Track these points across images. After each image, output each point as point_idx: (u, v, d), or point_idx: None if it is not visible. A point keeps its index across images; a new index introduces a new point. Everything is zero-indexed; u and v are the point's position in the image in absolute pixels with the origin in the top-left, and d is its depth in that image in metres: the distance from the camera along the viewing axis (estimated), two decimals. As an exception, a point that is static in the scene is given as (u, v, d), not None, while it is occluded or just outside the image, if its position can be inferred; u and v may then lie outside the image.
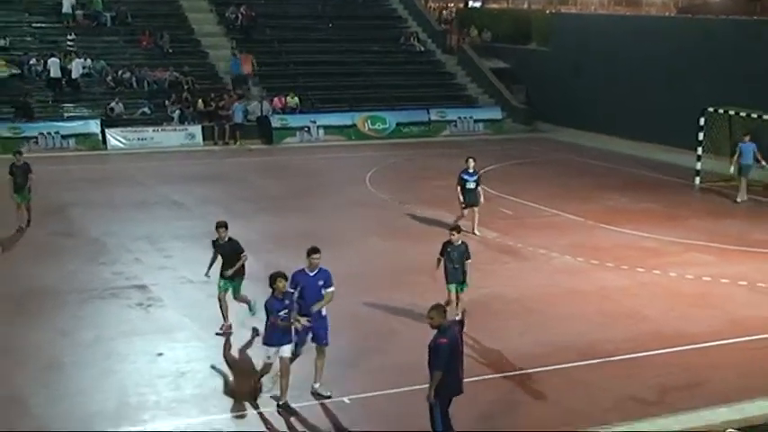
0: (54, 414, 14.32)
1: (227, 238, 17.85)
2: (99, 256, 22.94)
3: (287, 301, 14.35)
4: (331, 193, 31.23)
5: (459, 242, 17.92)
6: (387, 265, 22.61)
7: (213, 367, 16.27)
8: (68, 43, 43.19)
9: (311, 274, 15.18)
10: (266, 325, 14.47)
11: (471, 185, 24.48)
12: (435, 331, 12.38)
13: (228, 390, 15.39)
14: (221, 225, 17.85)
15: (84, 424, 13.90)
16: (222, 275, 17.75)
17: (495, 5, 72.54)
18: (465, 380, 14.86)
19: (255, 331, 17.11)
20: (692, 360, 16.91)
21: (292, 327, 14.33)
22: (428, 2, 63.49)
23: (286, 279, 14.47)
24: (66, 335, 17.69)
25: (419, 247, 23.28)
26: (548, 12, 55.38)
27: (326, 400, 14.77)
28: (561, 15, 54.58)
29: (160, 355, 16.71)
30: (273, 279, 14.42)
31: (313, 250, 15.39)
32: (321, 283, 15.11)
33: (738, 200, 30.21)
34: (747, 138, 30.29)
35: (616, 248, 24.25)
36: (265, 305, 14.46)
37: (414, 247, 23.66)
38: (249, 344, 17.39)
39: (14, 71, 40.81)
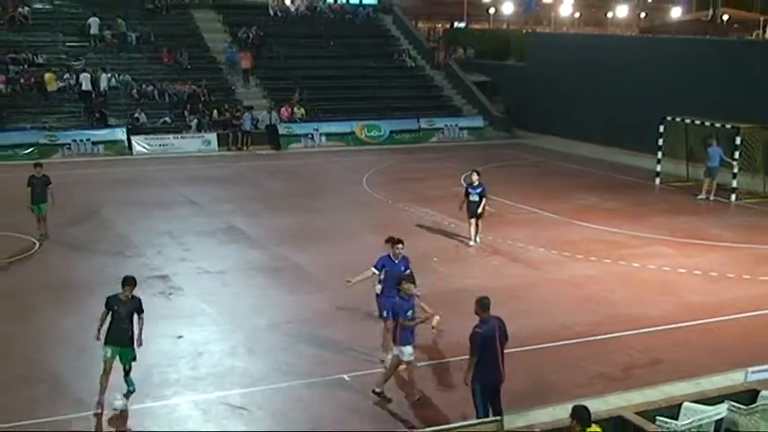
0: (85, 390, 14.30)
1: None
2: (126, 250, 22.91)
3: (411, 301, 13.92)
4: (332, 193, 31.23)
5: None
6: (377, 258, 22.57)
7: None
8: (97, 60, 43.08)
9: (396, 261, 15.80)
10: (395, 326, 13.92)
11: (474, 198, 23.42)
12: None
13: (241, 368, 15.39)
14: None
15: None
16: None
17: (477, 26, 72.85)
18: (453, 359, 14.97)
19: None
20: (654, 341, 16.94)
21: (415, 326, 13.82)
22: (418, 23, 63.60)
23: (412, 282, 14.25)
24: (96, 320, 17.65)
25: (410, 242, 23.21)
26: (524, 31, 55.54)
27: (331, 377, 14.81)
28: (536, 34, 54.81)
29: (180, 337, 16.70)
30: (399, 281, 14.18)
31: (398, 241, 16.09)
32: (402, 268, 15.58)
33: (700, 197, 30.21)
34: (714, 143, 30.25)
35: (586, 242, 24.28)
36: (393, 308, 13.97)
37: (406, 241, 23.58)
38: (260, 329, 17.37)
39: (61, 84, 40.84)
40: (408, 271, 15.61)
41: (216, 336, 17.02)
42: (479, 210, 23.37)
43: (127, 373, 13.92)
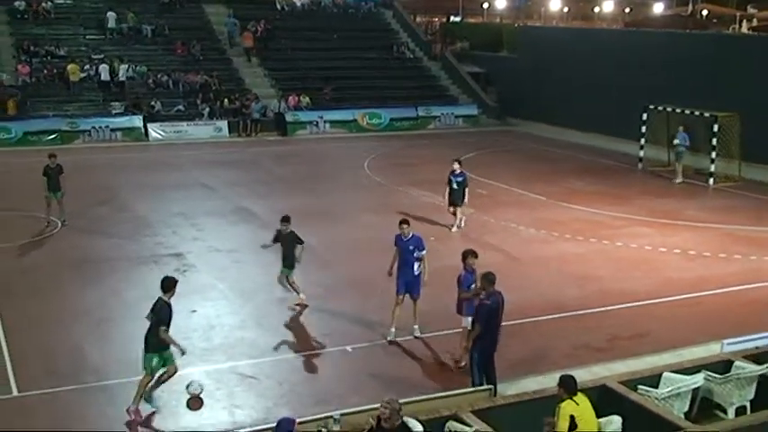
0: (106, 360, 14.38)
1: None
2: (143, 229, 22.93)
3: (473, 276, 13.81)
4: (335, 177, 31.20)
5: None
6: (380, 236, 22.50)
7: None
8: (115, 52, 42.98)
9: (405, 240, 15.66)
10: (459, 297, 14.01)
11: (455, 186, 22.86)
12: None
13: (251, 340, 15.42)
14: None
15: (131, 368, 13.90)
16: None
17: (472, 20, 72.54)
18: (446, 332, 15.04)
19: None
20: (636, 314, 16.98)
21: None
22: (416, 17, 63.34)
23: (476, 256, 14.18)
24: (116, 294, 17.72)
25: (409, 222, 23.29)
26: (516, 25, 55.33)
27: (335, 348, 14.86)
28: (527, 28, 54.62)
29: (194, 311, 16.69)
30: (465, 256, 14.10)
31: (402, 221, 15.97)
32: (412, 247, 15.48)
33: (676, 181, 30.29)
34: (681, 128, 30.35)
35: (573, 222, 24.29)
36: (459, 279, 13.96)
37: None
38: (268, 303, 17.39)
39: (83, 75, 40.74)
40: (423, 251, 15.57)
41: (227, 310, 17.06)
42: (461, 199, 22.84)
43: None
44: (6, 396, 13.00)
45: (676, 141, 30.48)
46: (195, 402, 12.81)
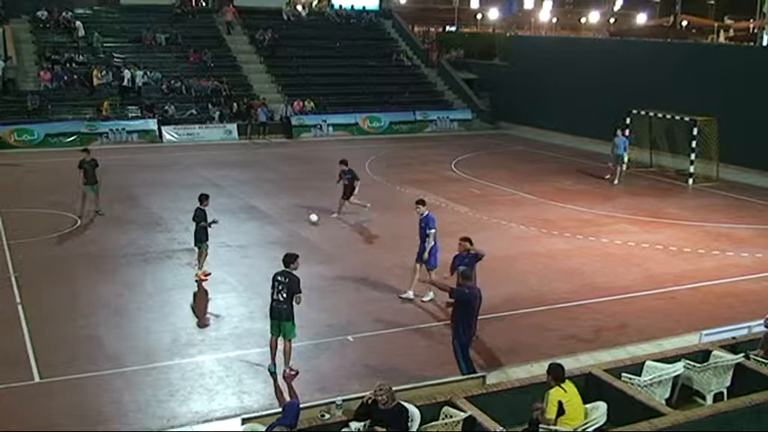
0: (122, 348, 14.36)
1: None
2: (156, 226, 22.91)
3: (466, 259, 14.58)
4: (337, 177, 31.14)
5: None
6: (380, 232, 22.65)
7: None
8: (132, 59, 42.93)
9: (420, 217, 17.08)
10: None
11: (346, 181, 24.09)
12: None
13: (259, 330, 15.40)
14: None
15: (146, 357, 13.94)
16: None
17: (466, 30, 72.49)
18: (441, 323, 15.04)
19: None
20: (620, 307, 16.97)
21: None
22: (414, 27, 63.32)
23: (470, 242, 15.09)
24: (131, 287, 17.70)
25: (405, 218, 23.28)
26: (507, 34, 55.28)
27: (337, 338, 14.87)
28: (518, 37, 54.55)
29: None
30: (461, 240, 15.14)
31: (418, 202, 17.28)
32: (423, 225, 16.95)
33: (615, 182, 29.82)
34: (620, 132, 30.04)
35: (560, 220, 24.27)
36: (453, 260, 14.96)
37: (401, 218, 23.67)
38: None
39: (102, 81, 40.68)
40: (431, 230, 16.85)
41: (236, 302, 17.04)
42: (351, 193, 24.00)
43: None
44: (29, 382, 12.99)
45: (619, 150, 29.82)
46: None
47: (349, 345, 14.77)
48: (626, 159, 30.01)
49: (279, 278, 13.27)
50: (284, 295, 13.14)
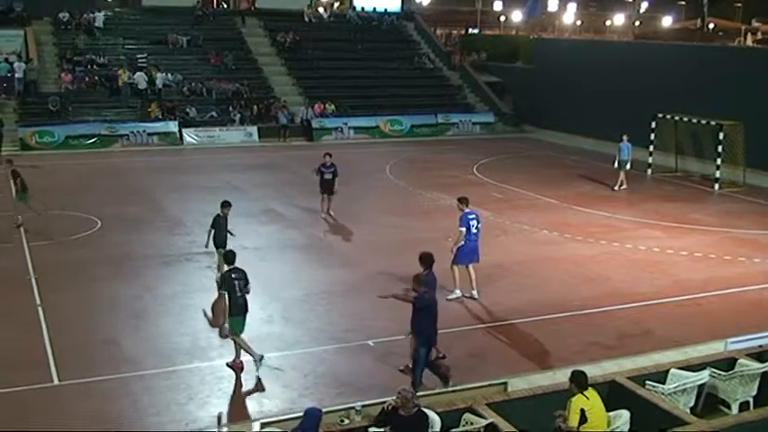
0: (141, 351, 14.43)
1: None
2: (176, 229, 23.02)
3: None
4: (358, 180, 31.06)
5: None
6: (399, 237, 22.60)
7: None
8: (153, 61, 43.22)
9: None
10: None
11: (328, 176, 24.40)
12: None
13: (277, 334, 15.43)
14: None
15: (165, 360, 13.99)
16: None
17: (489, 32, 72.27)
18: (465, 328, 15.01)
19: None
20: (645, 314, 16.86)
21: None
22: (436, 29, 63.24)
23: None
24: (151, 290, 17.78)
25: (425, 223, 23.38)
26: (531, 37, 55.10)
27: (357, 342, 14.87)
28: (542, 40, 54.31)
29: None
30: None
31: (459, 200, 17.68)
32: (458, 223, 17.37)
33: (616, 188, 29.36)
34: (626, 138, 29.57)
35: (584, 225, 24.16)
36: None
37: (421, 222, 23.71)
38: (294, 300, 17.40)
39: (124, 82, 40.93)
40: (460, 228, 17.22)
41: (255, 305, 16.92)
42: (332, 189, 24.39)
43: None
44: (48, 384, 13.09)
45: (623, 156, 29.33)
46: None
47: (370, 349, 14.76)
48: (628, 166, 29.50)
49: (234, 275, 13.77)
50: (245, 289, 13.81)
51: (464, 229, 17.13)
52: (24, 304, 16.60)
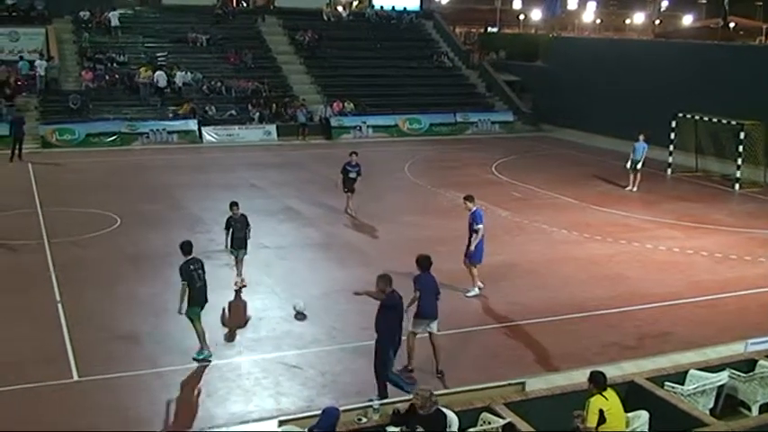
0: (161, 348, 14.50)
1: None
2: (196, 226, 23.09)
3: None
4: (377, 179, 31.05)
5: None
6: (417, 236, 22.55)
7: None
8: (173, 59, 43.42)
9: (468, 214, 17.43)
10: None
11: (351, 175, 24.36)
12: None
13: (296, 332, 15.46)
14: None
15: (183, 357, 14.05)
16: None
17: (508, 31, 72.18)
18: (481, 327, 14.98)
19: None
20: (663, 314, 16.77)
21: None
22: (456, 27, 63.19)
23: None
24: (170, 287, 17.77)
25: (443, 222, 23.33)
26: (550, 36, 54.92)
27: (374, 341, 14.87)
28: (561, 39, 54.13)
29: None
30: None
31: (465, 198, 17.63)
32: (470, 221, 17.33)
33: (627, 189, 29.15)
34: (642, 138, 29.27)
35: (603, 225, 24.06)
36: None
37: (439, 221, 23.66)
38: (313, 298, 17.42)
39: (145, 80, 41.05)
40: (477, 226, 17.20)
41: (274, 303, 17.12)
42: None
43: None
44: (68, 380, 13.18)
45: (636, 156, 29.11)
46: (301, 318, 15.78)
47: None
48: (639, 166, 29.27)
49: (192, 266, 13.91)
50: (204, 278, 14.05)
51: (482, 226, 17.13)
52: (44, 300, 16.73)
